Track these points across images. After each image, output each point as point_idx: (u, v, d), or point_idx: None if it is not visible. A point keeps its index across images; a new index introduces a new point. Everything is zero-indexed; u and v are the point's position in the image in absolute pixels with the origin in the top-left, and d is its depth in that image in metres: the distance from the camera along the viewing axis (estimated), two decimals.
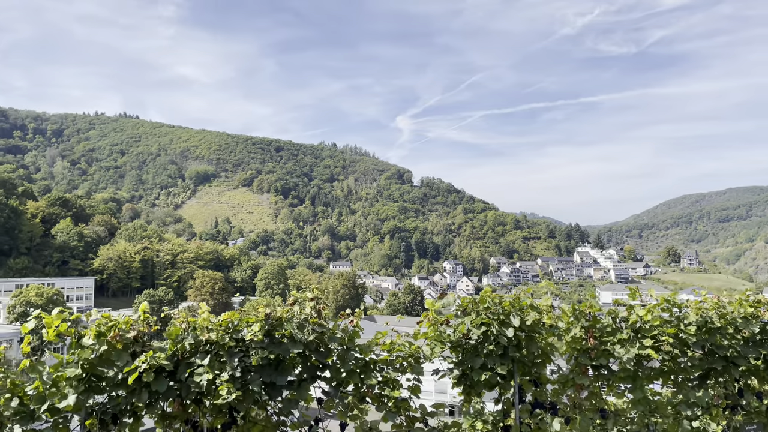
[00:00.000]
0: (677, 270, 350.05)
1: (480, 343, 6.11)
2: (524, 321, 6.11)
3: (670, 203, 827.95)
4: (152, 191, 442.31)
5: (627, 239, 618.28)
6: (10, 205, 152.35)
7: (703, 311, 6.87)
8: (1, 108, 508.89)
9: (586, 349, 6.53)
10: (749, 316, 7.02)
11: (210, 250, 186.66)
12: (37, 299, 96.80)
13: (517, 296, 6.33)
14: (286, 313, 5.52)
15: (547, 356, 6.41)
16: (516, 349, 6.16)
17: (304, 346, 5.39)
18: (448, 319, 6.17)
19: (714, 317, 6.84)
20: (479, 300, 6.17)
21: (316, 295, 5.69)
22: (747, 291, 7.37)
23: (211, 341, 5.28)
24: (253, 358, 5.16)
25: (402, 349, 5.90)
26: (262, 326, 5.34)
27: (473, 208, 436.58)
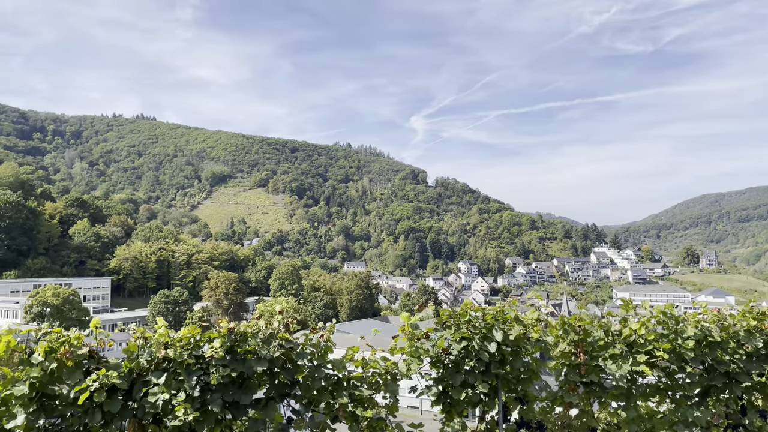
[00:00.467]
0: (696, 271, 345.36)
1: (461, 358, 5.77)
2: (508, 335, 5.75)
3: (689, 203, 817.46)
4: (169, 192, 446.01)
5: (645, 239, 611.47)
6: (29, 206, 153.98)
7: (702, 324, 6.46)
8: (21, 110, 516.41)
9: (576, 364, 6.15)
10: (753, 329, 6.59)
11: (225, 251, 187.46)
12: (53, 299, 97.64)
13: (501, 309, 5.97)
14: (251, 328, 5.21)
15: (534, 372, 6.05)
16: (499, 365, 5.81)
17: (269, 362, 5.08)
18: (428, 332, 5.84)
19: (714, 331, 6.42)
20: (460, 313, 5.82)
21: (284, 308, 5.38)
22: (750, 302, 6.94)
23: (168, 358, 5.00)
24: (213, 376, 4.87)
25: (376, 366, 5.57)
26: (224, 342, 5.04)
27: (488, 208, 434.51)
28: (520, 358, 5.91)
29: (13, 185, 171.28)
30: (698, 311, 6.65)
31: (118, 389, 4.87)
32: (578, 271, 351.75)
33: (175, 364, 4.98)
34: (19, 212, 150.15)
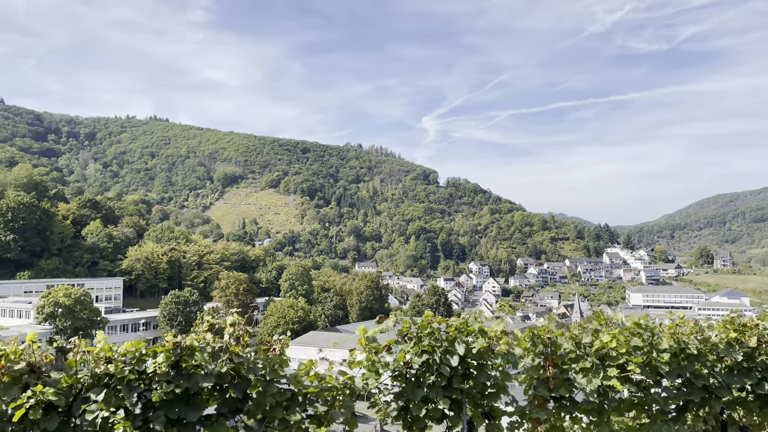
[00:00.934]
0: (710, 271, 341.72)
1: (423, 372, 5.56)
2: (470, 348, 5.53)
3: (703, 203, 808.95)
4: (181, 193, 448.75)
5: (658, 240, 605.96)
6: (42, 208, 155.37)
7: (679, 336, 6.19)
8: (36, 112, 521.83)
9: (545, 378, 5.92)
10: (733, 341, 6.32)
11: (236, 251, 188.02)
12: (65, 300, 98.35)
13: (465, 320, 5.75)
14: (199, 342, 5.03)
15: (500, 387, 5.82)
16: (462, 380, 5.59)
17: (217, 378, 4.90)
18: (390, 345, 5.63)
19: (691, 343, 6.16)
20: (421, 324, 5.61)
21: (236, 320, 5.20)
22: (732, 313, 6.67)
23: (109, 374, 4.84)
24: (155, 392, 4.70)
25: (332, 380, 5.37)
26: (168, 356, 4.87)
27: (500, 209, 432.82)
28: (486, 371, 5.68)
29: (26, 186, 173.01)
30: (675, 322, 6.37)
31: (57, 406, 4.71)
32: (591, 271, 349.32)
33: (116, 380, 4.82)
34: (32, 213, 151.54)
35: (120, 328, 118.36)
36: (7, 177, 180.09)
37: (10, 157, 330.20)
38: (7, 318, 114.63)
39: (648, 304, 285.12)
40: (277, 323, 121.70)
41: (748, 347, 6.27)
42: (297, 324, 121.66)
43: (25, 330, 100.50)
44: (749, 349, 6.27)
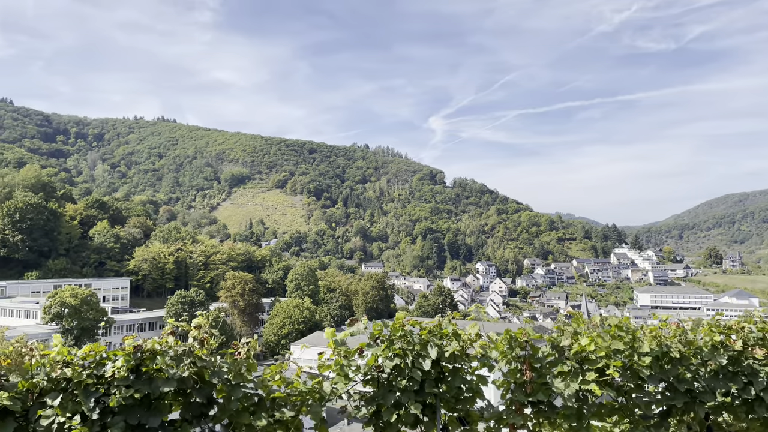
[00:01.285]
0: (719, 272, 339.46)
1: (395, 376, 5.42)
2: (443, 352, 5.39)
3: (712, 203, 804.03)
4: (189, 193, 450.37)
5: (666, 240, 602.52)
6: (50, 208, 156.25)
7: (661, 339, 6.02)
8: (45, 113, 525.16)
9: (522, 382, 5.76)
10: (718, 344, 6.15)
11: (242, 252, 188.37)
12: (71, 300, 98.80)
13: (439, 323, 5.60)
14: (161, 345, 4.91)
15: (476, 391, 5.67)
16: (435, 384, 5.44)
17: (178, 382, 4.78)
18: (361, 348, 5.50)
19: (674, 346, 5.99)
20: (392, 327, 5.46)
21: (200, 323, 5.08)
22: (717, 315, 6.49)
23: (66, 378, 4.72)
24: (113, 397, 4.58)
25: (299, 385, 5.23)
26: (128, 360, 4.75)
27: (507, 209, 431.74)
28: (460, 375, 5.54)
29: (34, 187, 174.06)
30: (657, 325, 6.20)
31: (13, 411, 4.61)
32: (598, 272, 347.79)
33: (74, 385, 4.70)
34: (40, 214, 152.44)
35: (126, 328, 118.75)
36: (16, 178, 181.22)
37: (19, 158, 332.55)
38: (15, 318, 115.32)
39: (656, 305, 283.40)
40: (282, 323, 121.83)
41: (734, 350, 6.10)
42: (302, 324, 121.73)
43: (32, 330, 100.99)
44: (734, 352, 6.10)
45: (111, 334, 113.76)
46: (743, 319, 6.34)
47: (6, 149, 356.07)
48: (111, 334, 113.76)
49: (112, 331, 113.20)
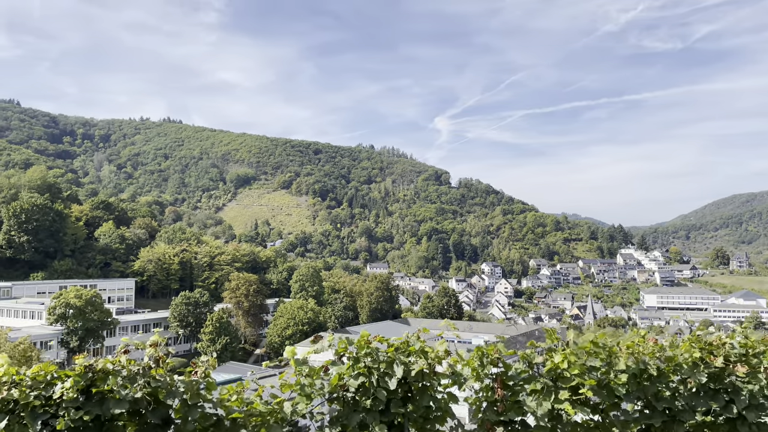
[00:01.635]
0: (726, 272, 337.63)
1: (361, 395, 5.25)
2: (409, 370, 5.21)
3: (719, 203, 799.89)
4: (194, 194, 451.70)
5: (673, 241, 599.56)
6: (55, 209, 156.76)
7: (639, 356, 5.82)
8: (52, 114, 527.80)
9: (494, 401, 5.58)
10: (698, 361, 5.95)
11: (247, 252, 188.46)
12: (75, 301, 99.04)
13: (406, 340, 5.43)
14: (114, 365, 4.76)
15: (446, 410, 5.49)
16: (402, 403, 5.27)
17: (131, 403, 4.63)
18: (326, 366, 5.33)
19: (651, 363, 5.80)
20: (357, 344, 5.30)
21: (156, 341, 4.92)
22: (698, 330, 6.29)
23: (13, 399, 4.58)
24: (61, 420, 4.43)
25: (258, 406, 5.06)
26: (77, 381, 4.60)
27: (512, 209, 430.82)
28: (428, 394, 5.36)
29: (40, 188, 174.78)
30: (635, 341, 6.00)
31: None
32: (604, 272, 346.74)
33: (21, 406, 4.56)
34: (46, 215, 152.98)
35: (131, 329, 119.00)
36: (22, 179, 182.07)
37: (25, 159, 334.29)
38: (20, 319, 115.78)
39: (662, 306, 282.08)
40: (286, 324, 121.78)
41: (714, 367, 5.89)
42: (306, 325, 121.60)
43: (37, 331, 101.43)
44: (715, 369, 5.89)
45: (116, 335, 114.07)
46: (725, 335, 6.13)
47: (13, 150, 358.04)
48: (116, 335, 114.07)
49: (117, 332, 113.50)
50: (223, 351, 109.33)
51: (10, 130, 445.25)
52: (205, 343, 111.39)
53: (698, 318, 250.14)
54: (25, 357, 60.98)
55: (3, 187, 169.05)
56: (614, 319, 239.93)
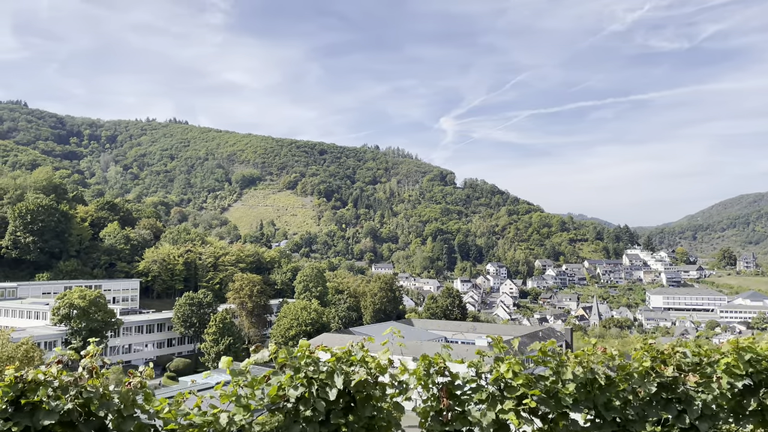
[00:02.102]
0: (732, 273, 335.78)
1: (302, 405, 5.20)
2: (349, 380, 5.16)
3: (727, 203, 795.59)
4: (200, 194, 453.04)
5: (680, 241, 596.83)
6: (61, 210, 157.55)
7: (588, 365, 5.75)
8: (59, 116, 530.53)
9: (439, 411, 5.53)
10: (649, 370, 5.87)
11: (251, 253, 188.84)
12: (79, 302, 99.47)
13: (348, 349, 5.39)
14: (45, 375, 4.73)
15: (390, 421, 5.44)
16: (343, 414, 5.23)
17: (62, 415, 4.60)
18: (268, 376, 5.29)
19: (600, 372, 5.72)
20: (297, 354, 5.25)
21: (91, 351, 4.89)
22: (650, 338, 6.21)
23: None
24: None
25: (193, 416, 5.02)
26: (6, 392, 4.57)
27: (518, 210, 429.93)
28: (371, 404, 5.31)
29: (46, 189, 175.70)
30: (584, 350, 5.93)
31: None
32: (610, 273, 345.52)
33: None
34: (51, 215, 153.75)
35: (135, 329, 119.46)
36: (27, 180, 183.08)
37: (32, 160, 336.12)
38: (25, 319, 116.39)
39: (668, 307, 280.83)
40: (290, 325, 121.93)
41: (665, 377, 5.81)
42: (310, 326, 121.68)
43: (42, 332, 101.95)
44: (666, 378, 5.81)
45: (120, 336, 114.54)
46: (678, 343, 6.05)
47: (20, 151, 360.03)
48: (120, 336, 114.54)
49: (121, 332, 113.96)
50: (226, 351, 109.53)
51: (18, 131, 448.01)
52: (209, 344, 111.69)
53: (704, 319, 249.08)
54: (27, 358, 61.21)
55: (9, 188, 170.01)
56: (620, 320, 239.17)
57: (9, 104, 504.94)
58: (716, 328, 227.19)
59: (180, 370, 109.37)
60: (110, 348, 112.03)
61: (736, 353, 5.87)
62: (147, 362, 31.67)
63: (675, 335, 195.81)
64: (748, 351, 5.89)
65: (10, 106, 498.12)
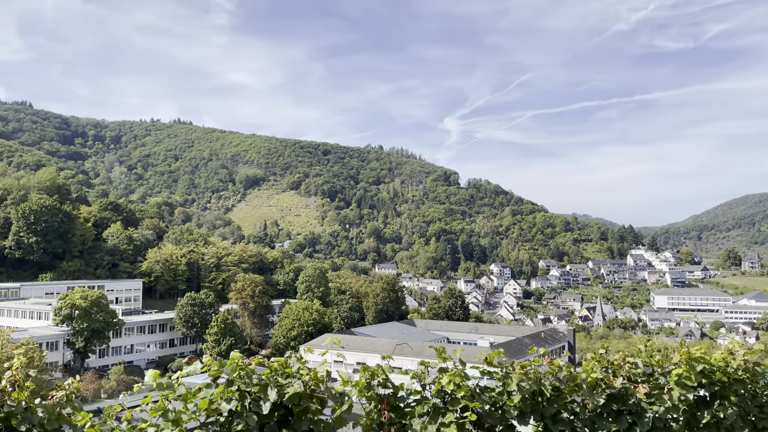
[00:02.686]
0: (737, 273, 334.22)
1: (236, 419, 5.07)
2: (283, 393, 5.02)
3: (732, 203, 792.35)
4: (204, 195, 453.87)
5: (685, 241, 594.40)
6: (64, 210, 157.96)
7: (535, 376, 5.61)
8: (64, 116, 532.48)
9: (380, 423, 5.39)
10: (598, 381, 5.72)
11: (254, 253, 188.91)
12: (81, 302, 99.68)
13: (285, 361, 5.25)
14: None
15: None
16: (278, 428, 5.09)
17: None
18: (201, 388, 5.16)
19: (546, 383, 5.58)
20: (230, 366, 5.12)
21: (16, 363, 4.77)
22: (601, 348, 6.06)
23: None
24: None
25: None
26: None
27: (521, 210, 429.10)
28: (308, 418, 5.17)
29: (49, 189, 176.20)
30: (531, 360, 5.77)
31: None
32: (614, 273, 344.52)
33: None
34: (54, 216, 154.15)
35: (137, 329, 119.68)
36: (31, 180, 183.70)
37: (37, 161, 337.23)
38: (27, 319, 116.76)
39: (673, 307, 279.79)
40: (291, 325, 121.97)
41: (614, 388, 5.66)
42: (312, 326, 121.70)
43: (44, 332, 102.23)
44: (615, 390, 5.65)
45: (121, 336, 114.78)
46: (629, 353, 5.89)
47: (25, 152, 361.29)
48: (121, 336, 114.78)
49: (123, 332, 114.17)
50: (228, 352, 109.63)
51: (23, 132, 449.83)
52: (210, 344, 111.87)
53: (709, 319, 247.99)
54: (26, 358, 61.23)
55: (12, 189, 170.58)
56: (624, 321, 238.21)
57: (14, 105, 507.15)
58: (721, 328, 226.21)
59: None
60: (112, 349, 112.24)
61: (687, 364, 5.71)
62: (149, 363, 31.72)
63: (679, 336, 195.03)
64: (700, 362, 5.72)
65: (15, 106, 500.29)
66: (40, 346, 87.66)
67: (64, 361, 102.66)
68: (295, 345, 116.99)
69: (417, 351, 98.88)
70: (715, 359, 5.83)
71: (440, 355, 5.58)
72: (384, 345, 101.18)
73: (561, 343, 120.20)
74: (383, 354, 5.91)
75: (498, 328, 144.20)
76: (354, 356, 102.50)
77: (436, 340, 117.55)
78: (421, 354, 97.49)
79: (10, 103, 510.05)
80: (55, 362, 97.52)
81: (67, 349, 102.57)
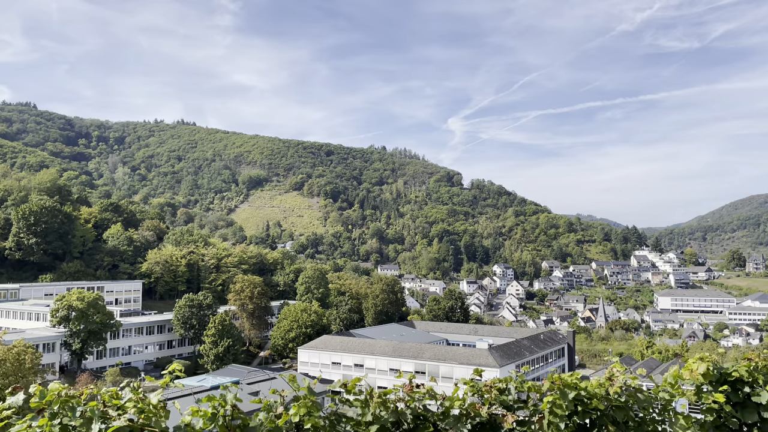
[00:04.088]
0: (742, 274, 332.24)
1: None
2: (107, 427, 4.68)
3: (737, 204, 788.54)
4: (207, 195, 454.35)
5: (689, 242, 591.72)
6: (64, 211, 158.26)
7: (394, 404, 5.25)
8: (68, 117, 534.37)
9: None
10: (466, 410, 5.36)
11: (254, 254, 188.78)
12: (78, 303, 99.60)
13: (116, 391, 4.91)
14: None
15: None
16: None
17: None
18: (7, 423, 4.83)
19: (409, 413, 5.22)
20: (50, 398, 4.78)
21: None
22: (477, 372, 5.70)
23: None
24: None
25: None
26: None
27: (525, 211, 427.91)
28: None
29: (50, 191, 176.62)
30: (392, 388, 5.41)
31: None
32: (617, 274, 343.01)
33: None
34: (54, 217, 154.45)
35: (135, 331, 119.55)
36: (32, 181, 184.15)
37: (41, 162, 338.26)
38: (26, 321, 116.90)
39: (676, 308, 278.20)
40: (290, 327, 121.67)
41: (480, 417, 5.30)
42: (310, 328, 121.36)
43: (41, 333, 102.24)
44: (482, 421, 5.29)
45: (119, 337, 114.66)
46: (500, 380, 5.52)
47: (29, 153, 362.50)
48: (119, 337, 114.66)
49: (121, 334, 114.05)
50: (226, 353, 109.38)
51: (27, 133, 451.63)
52: (208, 346, 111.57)
53: (713, 321, 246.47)
54: (18, 360, 61.13)
55: (13, 190, 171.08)
56: (627, 322, 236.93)
57: (18, 106, 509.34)
58: (725, 330, 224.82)
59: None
60: (110, 350, 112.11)
61: (559, 391, 5.34)
62: (147, 364, 31.46)
63: (682, 337, 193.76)
64: (572, 389, 5.36)
65: (19, 107, 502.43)
66: (36, 347, 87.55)
67: (60, 363, 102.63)
68: (293, 346, 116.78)
69: (415, 353, 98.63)
70: (591, 385, 5.46)
71: (292, 382, 5.23)
72: (382, 347, 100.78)
73: (561, 344, 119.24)
74: (380, 356, 5.55)
75: (498, 329, 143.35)
76: (351, 358, 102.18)
77: (435, 341, 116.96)
78: (420, 356, 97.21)
79: (15, 104, 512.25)
80: (51, 364, 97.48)
81: (64, 351, 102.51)
